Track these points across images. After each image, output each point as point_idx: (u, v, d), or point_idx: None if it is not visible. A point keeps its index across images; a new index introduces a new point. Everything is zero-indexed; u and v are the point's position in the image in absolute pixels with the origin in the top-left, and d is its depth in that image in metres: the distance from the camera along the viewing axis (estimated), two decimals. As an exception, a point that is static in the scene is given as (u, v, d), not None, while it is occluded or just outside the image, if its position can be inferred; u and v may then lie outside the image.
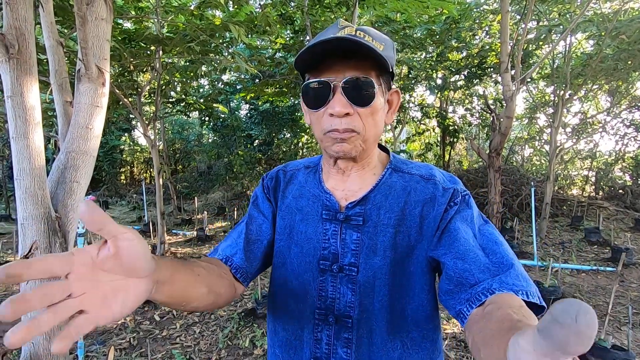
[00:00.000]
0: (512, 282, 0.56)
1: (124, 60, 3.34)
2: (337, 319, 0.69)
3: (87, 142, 0.92)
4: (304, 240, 0.73)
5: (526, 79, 2.59)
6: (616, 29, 4.30)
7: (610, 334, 2.74)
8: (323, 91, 0.64)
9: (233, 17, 3.47)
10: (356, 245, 0.69)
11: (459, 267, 0.61)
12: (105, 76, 0.98)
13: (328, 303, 0.70)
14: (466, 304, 0.58)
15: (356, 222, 0.70)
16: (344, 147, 0.66)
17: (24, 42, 0.78)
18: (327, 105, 0.65)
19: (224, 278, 0.69)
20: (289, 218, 0.76)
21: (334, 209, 0.72)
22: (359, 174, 0.73)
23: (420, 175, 0.72)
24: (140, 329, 2.99)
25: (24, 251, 0.79)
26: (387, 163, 0.76)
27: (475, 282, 0.59)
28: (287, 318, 0.75)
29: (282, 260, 0.76)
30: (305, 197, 0.76)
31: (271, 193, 0.80)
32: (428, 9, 4.06)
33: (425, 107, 8.29)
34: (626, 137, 7.73)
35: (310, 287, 0.71)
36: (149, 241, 5.78)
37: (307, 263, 0.72)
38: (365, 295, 0.68)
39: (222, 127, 9.57)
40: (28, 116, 0.78)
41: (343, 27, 0.66)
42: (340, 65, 0.64)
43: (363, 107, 0.64)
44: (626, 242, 4.80)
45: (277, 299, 0.77)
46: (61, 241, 0.83)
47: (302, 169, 0.81)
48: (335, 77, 0.63)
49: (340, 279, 0.70)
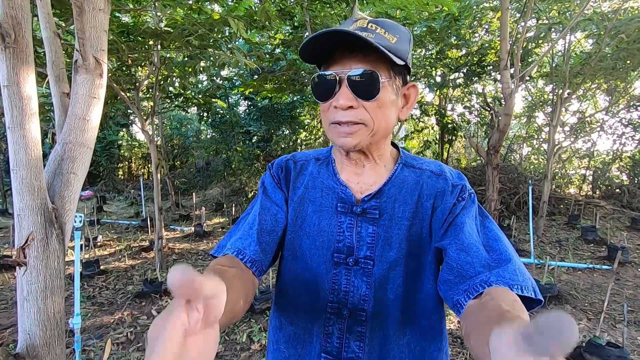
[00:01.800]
0: (509, 277, 0.57)
1: (121, 54, 3.32)
2: (350, 312, 0.69)
3: (84, 133, 0.91)
4: (317, 232, 0.72)
5: (525, 77, 2.59)
6: (615, 28, 4.29)
7: (605, 331, 2.76)
8: (330, 83, 0.65)
9: (232, 11, 3.45)
10: (372, 238, 0.70)
11: (462, 259, 0.62)
12: (103, 67, 0.97)
13: (341, 296, 0.70)
14: (464, 294, 0.59)
15: (372, 215, 0.70)
16: (347, 141, 0.66)
17: (20, 31, 0.77)
18: (333, 98, 0.65)
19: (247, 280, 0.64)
20: (299, 209, 0.75)
21: (350, 202, 0.71)
22: (372, 167, 0.73)
23: (431, 171, 0.73)
24: (138, 323, 3.00)
25: (20, 242, 0.78)
26: (397, 159, 0.76)
27: (474, 274, 0.60)
28: (296, 312, 0.74)
29: (292, 253, 0.75)
30: (319, 188, 0.75)
31: (282, 182, 0.78)
32: (428, 5, 4.04)
33: (424, 105, 8.28)
34: (624, 137, 7.74)
35: (323, 280, 0.71)
36: (147, 236, 5.78)
37: (320, 256, 0.71)
38: (380, 288, 0.69)
39: (220, 123, 9.54)
40: (24, 106, 0.78)
41: (356, 20, 0.66)
42: (349, 58, 0.63)
43: (368, 100, 0.63)
44: (622, 241, 4.83)
45: (288, 293, 0.76)
46: (57, 232, 0.83)
47: (313, 160, 0.80)
48: (342, 69, 0.64)
49: (355, 272, 0.70)
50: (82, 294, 3.39)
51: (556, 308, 3.18)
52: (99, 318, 3.09)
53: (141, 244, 5.39)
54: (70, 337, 2.45)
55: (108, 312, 3.21)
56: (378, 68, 0.63)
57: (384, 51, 0.59)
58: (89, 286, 3.76)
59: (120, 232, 6.42)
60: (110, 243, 5.53)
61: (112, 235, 6.11)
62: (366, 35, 0.60)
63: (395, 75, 0.66)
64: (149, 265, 4.43)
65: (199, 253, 5.05)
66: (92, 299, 3.48)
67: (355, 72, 0.62)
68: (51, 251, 0.81)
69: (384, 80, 0.64)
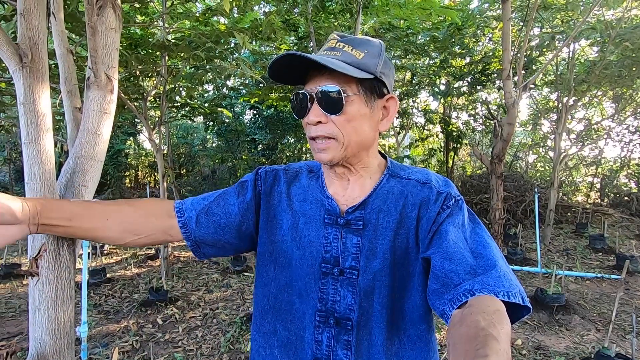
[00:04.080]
0: (493, 284, 0.57)
1: (130, 66, 3.39)
2: (337, 321, 0.71)
3: (95, 147, 0.94)
4: (307, 243, 0.74)
5: (528, 86, 2.60)
6: (619, 36, 4.30)
7: (614, 342, 2.72)
8: (303, 101, 0.69)
9: (237, 23, 3.52)
10: (356, 248, 0.71)
11: (446, 267, 0.63)
12: (114, 83, 1.01)
13: (329, 305, 0.72)
14: (449, 304, 0.60)
15: (356, 226, 0.72)
16: (322, 156, 0.70)
17: (37, 52, 0.81)
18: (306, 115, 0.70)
19: (152, 222, 0.78)
20: (293, 221, 0.77)
21: (335, 213, 0.74)
22: (356, 179, 0.75)
23: (417, 180, 0.74)
24: (143, 332, 3.01)
25: (33, 253, 0.81)
26: (384, 169, 0.77)
27: (459, 281, 0.60)
28: (290, 317, 0.76)
29: (287, 261, 0.77)
30: (309, 201, 0.77)
31: (262, 189, 0.81)
32: (431, 15, 4.09)
33: (428, 113, 8.30)
34: (631, 144, 7.68)
35: (312, 289, 0.73)
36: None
37: (310, 266, 0.74)
38: (365, 298, 0.70)
39: (226, 132, 9.63)
40: (40, 122, 0.81)
41: (329, 40, 0.71)
42: (319, 77, 0.68)
43: (335, 114, 0.67)
44: (631, 249, 4.76)
45: (282, 298, 0.77)
46: (69, 243, 0.85)
47: (306, 172, 0.82)
48: (313, 87, 0.68)
49: (341, 282, 0.71)
50: (89, 302, 3.42)
51: (564, 318, 3.14)
52: (104, 326, 3.11)
53: (147, 252, 5.42)
54: (78, 346, 2.48)
55: (114, 320, 3.23)
56: (345, 83, 0.66)
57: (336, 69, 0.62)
58: (95, 294, 3.79)
59: (126, 240, 6.47)
60: (117, 251, 5.58)
61: (119, 243, 6.16)
62: (333, 54, 0.67)
63: (365, 90, 0.68)
64: (154, 274, 4.46)
65: (204, 261, 5.07)
66: (99, 307, 3.51)
67: (321, 89, 0.66)
68: (62, 262, 0.84)
69: (351, 95, 0.67)
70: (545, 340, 2.81)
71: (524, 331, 2.96)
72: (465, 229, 0.69)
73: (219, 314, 3.34)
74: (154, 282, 3.93)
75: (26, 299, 3.64)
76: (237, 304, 3.56)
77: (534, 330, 2.97)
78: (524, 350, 2.66)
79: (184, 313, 3.36)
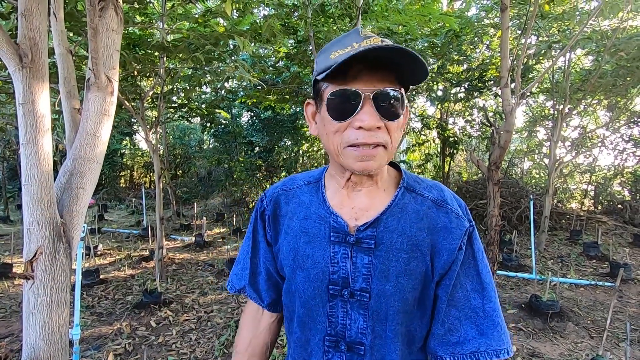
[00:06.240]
0: (496, 344, 0.64)
1: (128, 67, 3.38)
2: (348, 346, 0.67)
3: (94, 149, 0.94)
4: (311, 264, 0.69)
5: (526, 94, 2.62)
6: (615, 46, 4.36)
7: (608, 350, 2.73)
8: (351, 102, 0.59)
9: (236, 25, 3.52)
10: (368, 269, 0.66)
11: (453, 315, 0.66)
12: (114, 85, 1.00)
13: (339, 329, 0.67)
14: (451, 356, 0.65)
15: (367, 245, 0.66)
16: (369, 165, 0.61)
17: (37, 52, 0.80)
18: (354, 117, 0.60)
19: (265, 333, 0.82)
20: (293, 242, 0.72)
21: (343, 231, 0.67)
22: (369, 190, 0.69)
23: (433, 200, 0.69)
24: (136, 334, 2.98)
25: (29, 256, 0.80)
26: (399, 181, 0.72)
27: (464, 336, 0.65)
28: (294, 345, 0.73)
29: (287, 286, 0.74)
30: (311, 218, 0.71)
31: (270, 220, 0.77)
32: (430, 22, 4.12)
33: (425, 118, 8.35)
34: (625, 152, 7.77)
35: (319, 313, 0.68)
36: (147, 246, 5.77)
37: (315, 288, 0.68)
38: (378, 322, 0.66)
39: (223, 134, 9.61)
40: (38, 123, 0.80)
41: (368, 37, 0.61)
42: (369, 76, 0.59)
43: (392, 120, 0.60)
44: (625, 257, 4.80)
45: (287, 324, 0.77)
46: (65, 246, 0.84)
47: (304, 186, 0.76)
48: (365, 87, 0.59)
49: (351, 305, 0.66)
50: (81, 304, 3.38)
51: (559, 325, 3.16)
52: (97, 328, 3.07)
53: (141, 254, 5.38)
54: (70, 348, 2.44)
55: (107, 322, 3.19)
56: (398, 86, 0.61)
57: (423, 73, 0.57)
58: (88, 295, 3.74)
59: (120, 241, 6.42)
60: (111, 252, 5.52)
61: (113, 244, 6.10)
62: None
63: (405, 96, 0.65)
64: (148, 275, 4.41)
65: (199, 263, 5.03)
66: (91, 308, 3.47)
67: (380, 90, 0.59)
68: (58, 265, 0.82)
69: (405, 100, 0.62)
70: (540, 347, 2.81)
71: (519, 338, 2.97)
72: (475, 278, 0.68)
73: (213, 317, 3.31)
74: (148, 283, 3.89)
75: (18, 300, 3.59)
76: (231, 307, 3.54)
77: (529, 337, 2.98)
78: (519, 357, 2.66)
79: (178, 316, 3.33)
